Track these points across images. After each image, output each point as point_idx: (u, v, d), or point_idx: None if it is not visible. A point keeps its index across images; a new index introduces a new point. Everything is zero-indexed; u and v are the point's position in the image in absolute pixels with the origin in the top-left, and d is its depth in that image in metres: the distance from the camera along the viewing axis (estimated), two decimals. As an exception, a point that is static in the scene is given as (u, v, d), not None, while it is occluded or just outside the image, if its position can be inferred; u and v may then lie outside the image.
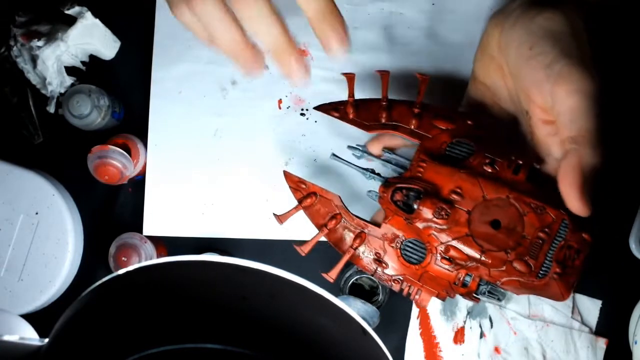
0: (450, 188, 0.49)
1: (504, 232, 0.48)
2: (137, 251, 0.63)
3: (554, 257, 0.47)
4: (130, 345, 0.27)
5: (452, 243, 0.49)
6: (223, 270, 0.29)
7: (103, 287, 0.29)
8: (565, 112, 0.46)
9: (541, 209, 0.48)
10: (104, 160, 0.62)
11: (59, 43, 0.64)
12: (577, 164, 0.45)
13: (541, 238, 0.48)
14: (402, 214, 0.50)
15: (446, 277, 0.50)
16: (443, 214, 0.48)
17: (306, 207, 0.55)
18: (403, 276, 0.52)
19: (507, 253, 0.48)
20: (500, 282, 0.49)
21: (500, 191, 0.49)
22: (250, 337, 0.27)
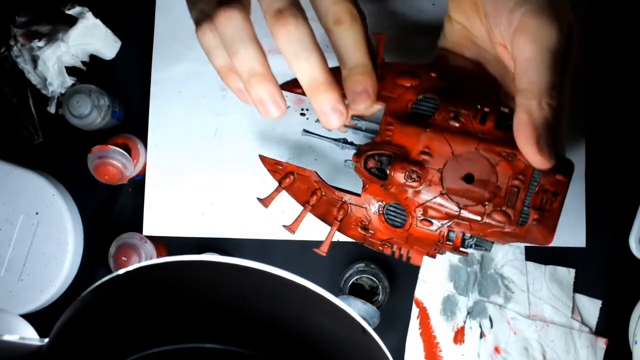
0: (418, 149, 0.48)
1: (478, 185, 0.47)
2: (137, 251, 0.63)
3: (531, 203, 0.46)
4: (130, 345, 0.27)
5: (429, 204, 0.48)
6: (223, 270, 0.29)
7: (103, 287, 0.29)
8: (520, 63, 0.44)
9: (512, 156, 0.47)
10: (104, 160, 0.62)
11: (60, 43, 0.64)
12: (527, 119, 0.43)
13: (516, 186, 0.47)
14: (377, 181, 0.50)
15: (430, 237, 0.50)
16: (415, 177, 0.48)
17: (287, 187, 0.55)
18: (391, 239, 0.53)
19: (484, 206, 0.47)
20: (483, 234, 0.48)
21: (469, 144, 0.48)
22: (250, 337, 0.27)
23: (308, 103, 0.66)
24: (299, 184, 0.55)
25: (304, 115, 0.66)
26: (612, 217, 0.65)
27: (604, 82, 0.65)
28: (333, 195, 0.54)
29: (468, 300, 0.64)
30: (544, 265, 0.64)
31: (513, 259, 0.64)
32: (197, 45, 0.67)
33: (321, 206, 0.55)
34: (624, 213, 0.64)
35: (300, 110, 0.66)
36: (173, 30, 0.67)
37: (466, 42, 0.51)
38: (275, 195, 0.56)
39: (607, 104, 0.65)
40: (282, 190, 0.55)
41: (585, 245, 0.64)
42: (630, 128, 0.65)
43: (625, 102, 0.65)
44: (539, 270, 0.64)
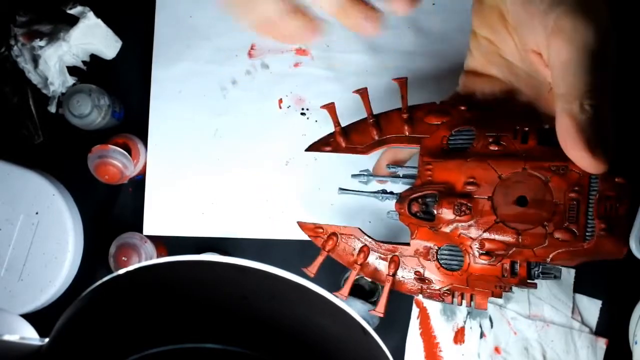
0: (463, 181, 0.46)
1: (533, 206, 0.44)
2: (137, 251, 0.63)
3: (595, 213, 0.43)
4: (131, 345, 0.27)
5: (485, 236, 0.46)
6: (223, 270, 0.29)
7: (103, 287, 0.29)
8: (558, 67, 0.42)
9: (563, 169, 0.44)
10: (104, 160, 0.62)
11: (62, 43, 0.64)
12: (571, 123, 0.41)
13: (574, 199, 0.44)
14: (425, 224, 0.48)
15: (491, 272, 0.47)
16: (464, 209, 0.46)
17: (330, 250, 0.53)
18: (451, 286, 0.49)
19: (544, 227, 0.44)
20: (549, 258, 0.45)
21: (515, 165, 0.45)
22: (250, 337, 0.27)
23: (308, 103, 0.66)
24: (343, 244, 0.53)
25: (304, 115, 0.66)
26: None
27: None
28: (381, 249, 0.51)
29: (468, 300, 0.64)
30: (544, 265, 0.64)
31: (513, 259, 0.64)
32: (197, 45, 0.67)
33: (369, 265, 0.52)
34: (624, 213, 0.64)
35: (301, 110, 0.66)
36: (173, 29, 0.67)
37: (494, 58, 0.49)
38: (321, 261, 0.53)
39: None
40: (327, 254, 0.53)
41: (586, 245, 0.64)
42: (630, 128, 0.65)
43: (625, 101, 0.65)
44: (539, 270, 0.64)
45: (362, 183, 0.56)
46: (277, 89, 0.66)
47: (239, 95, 0.67)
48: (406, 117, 0.51)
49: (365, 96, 0.52)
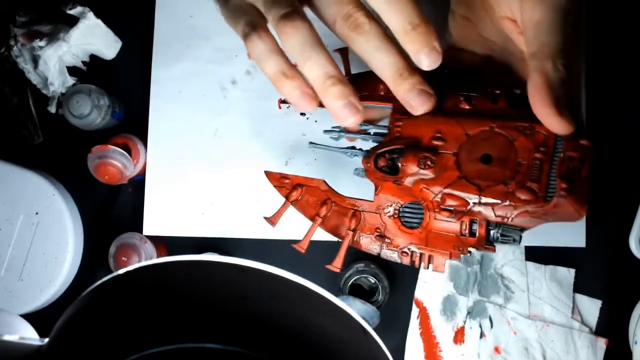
0: (430, 135, 0.46)
1: (497, 164, 0.44)
2: (137, 251, 0.63)
3: (557, 173, 0.43)
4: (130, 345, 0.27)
5: (446, 191, 0.45)
6: (223, 270, 0.29)
7: (103, 287, 0.29)
8: (531, 28, 0.42)
9: (530, 129, 0.44)
10: (104, 160, 0.62)
11: (62, 43, 0.64)
12: (542, 81, 0.41)
13: (538, 159, 0.44)
14: (389, 178, 0.47)
15: (451, 230, 0.47)
16: (428, 163, 0.45)
17: (295, 201, 0.52)
18: (410, 246, 0.49)
19: (506, 185, 0.44)
20: (509, 218, 0.45)
21: (482, 123, 0.45)
22: (250, 337, 0.27)
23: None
24: (307, 196, 0.52)
25: (304, 115, 0.66)
26: (612, 217, 0.65)
27: (604, 81, 0.65)
28: (344, 203, 0.51)
29: (468, 300, 0.64)
30: (544, 265, 0.64)
31: (513, 259, 0.64)
32: (197, 45, 0.67)
33: (332, 218, 0.51)
34: (624, 213, 0.64)
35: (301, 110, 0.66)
36: (173, 29, 0.67)
37: (471, 35, 0.50)
38: (283, 211, 0.53)
39: (606, 104, 0.65)
40: (289, 205, 0.52)
41: (585, 245, 0.64)
42: (630, 128, 0.65)
43: (625, 102, 0.65)
44: (539, 270, 0.64)
45: (333, 139, 0.55)
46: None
47: (239, 95, 0.67)
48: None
49: (346, 55, 0.52)
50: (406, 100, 0.44)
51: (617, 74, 0.66)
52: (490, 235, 0.46)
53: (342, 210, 0.51)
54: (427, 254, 0.49)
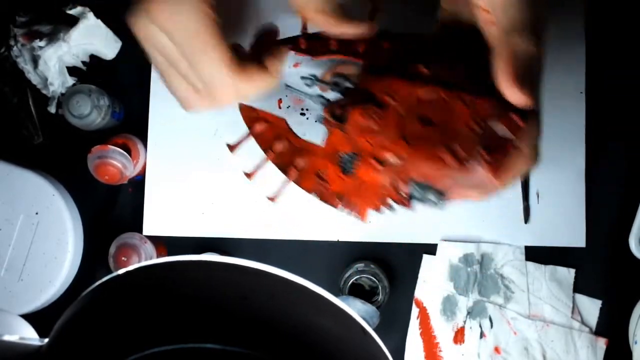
0: (383, 91, 0.49)
1: (433, 127, 0.47)
2: (137, 251, 0.63)
3: (481, 142, 0.46)
4: (130, 345, 0.27)
5: (382, 143, 0.48)
6: (223, 270, 0.29)
7: (103, 287, 0.29)
8: (497, 5, 0.44)
9: (473, 101, 0.46)
10: (104, 160, 0.62)
11: (61, 43, 0.64)
12: (507, 53, 0.43)
13: (471, 127, 0.46)
14: (338, 126, 0.50)
15: (376, 181, 0.50)
16: (374, 116, 0.48)
17: (256, 133, 0.55)
18: (343, 192, 0.52)
19: (434, 146, 0.46)
20: (430, 179, 0.47)
21: (434, 90, 0.48)
22: (250, 337, 0.27)
23: (308, 103, 0.66)
24: (269, 132, 0.55)
25: (303, 115, 0.66)
26: (612, 217, 0.65)
27: (604, 82, 0.65)
28: (297, 143, 0.54)
29: (468, 300, 0.64)
30: (544, 265, 0.64)
31: (513, 259, 0.64)
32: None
33: (285, 156, 0.55)
34: (624, 213, 0.64)
35: (300, 110, 0.66)
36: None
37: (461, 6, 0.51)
38: (243, 140, 0.56)
39: (606, 104, 0.65)
40: (250, 135, 0.55)
41: (585, 245, 0.64)
42: (630, 128, 0.65)
43: (625, 102, 0.65)
44: (539, 270, 0.64)
45: (306, 85, 0.58)
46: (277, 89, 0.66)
47: (239, 96, 0.66)
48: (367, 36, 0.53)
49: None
50: None
51: (617, 73, 0.66)
52: (412, 193, 0.49)
53: (295, 150, 0.54)
54: (355, 203, 0.52)
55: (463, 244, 0.65)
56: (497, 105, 0.46)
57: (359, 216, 0.52)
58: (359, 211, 0.53)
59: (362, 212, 0.53)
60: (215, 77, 0.48)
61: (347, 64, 0.55)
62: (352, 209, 0.53)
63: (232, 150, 0.56)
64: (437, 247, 0.65)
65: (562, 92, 0.65)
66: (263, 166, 0.55)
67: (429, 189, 0.48)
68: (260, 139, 0.56)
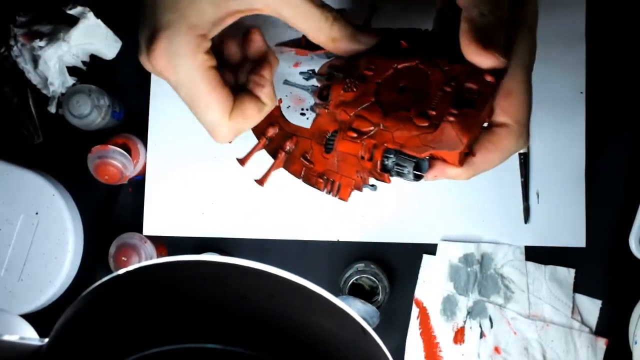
0: (364, 65, 0.50)
1: (408, 95, 0.47)
2: (137, 251, 0.63)
3: (452, 103, 0.45)
4: (130, 345, 0.27)
5: (358, 112, 0.48)
6: (223, 270, 0.29)
7: (103, 287, 0.29)
8: None
9: (447, 66, 0.47)
10: (104, 160, 0.62)
11: (61, 43, 0.64)
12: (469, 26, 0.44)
13: (444, 91, 0.46)
14: (322, 104, 0.51)
15: (354, 151, 0.49)
16: (353, 88, 0.49)
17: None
18: (325, 171, 0.53)
19: (407, 111, 0.47)
20: (404, 145, 0.47)
21: (411, 60, 0.49)
22: (250, 337, 0.27)
23: (308, 103, 0.66)
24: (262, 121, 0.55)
25: (303, 115, 0.66)
26: (612, 217, 0.65)
27: (604, 82, 0.65)
28: (287, 128, 0.55)
29: (468, 300, 0.64)
30: (544, 265, 0.64)
31: (513, 259, 0.64)
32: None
33: (275, 141, 0.56)
34: (624, 213, 0.64)
35: (301, 110, 0.66)
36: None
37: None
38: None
39: (607, 104, 0.65)
40: None
41: (585, 245, 0.64)
42: (630, 128, 0.65)
43: (625, 102, 0.65)
44: (539, 270, 0.64)
45: (304, 79, 0.59)
46: (277, 89, 0.66)
47: (239, 95, 0.66)
48: None
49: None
50: None
51: (617, 73, 0.66)
52: (386, 164, 0.48)
53: (285, 134, 0.55)
54: (337, 183, 0.52)
55: (463, 244, 0.65)
56: (472, 68, 0.45)
57: (341, 197, 0.52)
58: (341, 190, 0.52)
59: (344, 191, 0.52)
60: (216, 125, 0.49)
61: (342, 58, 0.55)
62: (333, 188, 0.53)
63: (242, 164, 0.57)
64: (437, 247, 0.65)
65: (562, 92, 0.65)
66: (255, 152, 0.56)
67: (404, 158, 0.47)
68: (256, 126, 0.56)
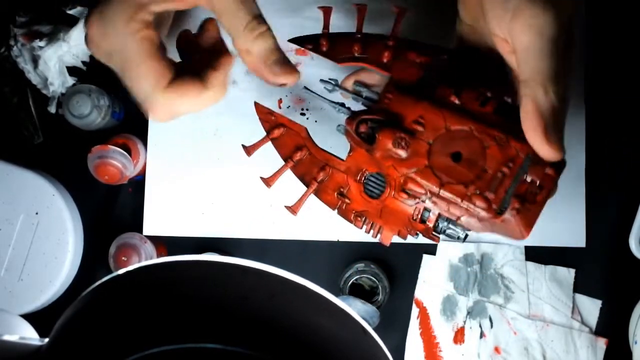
0: (412, 118, 0.48)
1: (464, 165, 0.46)
2: (137, 251, 0.63)
3: (514, 192, 0.45)
4: (130, 345, 0.27)
5: (411, 175, 0.47)
6: (223, 270, 0.29)
7: (103, 287, 0.29)
8: (521, 52, 0.43)
9: (505, 142, 0.46)
10: (104, 160, 0.62)
11: (61, 43, 0.64)
12: (534, 107, 0.43)
13: (503, 172, 0.45)
14: (364, 146, 0.49)
15: (405, 211, 0.49)
16: (403, 144, 0.47)
17: (274, 138, 0.54)
18: (365, 212, 0.51)
19: (466, 187, 0.46)
20: (459, 218, 0.47)
21: (464, 123, 0.47)
22: (251, 337, 0.27)
23: (308, 103, 0.66)
24: (286, 138, 0.54)
25: (303, 115, 0.66)
26: (612, 217, 0.65)
27: (604, 82, 0.65)
28: (318, 155, 0.53)
29: (468, 300, 0.64)
30: (544, 265, 0.64)
31: (513, 259, 0.64)
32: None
33: (303, 165, 0.53)
34: (624, 213, 0.64)
35: (300, 110, 0.66)
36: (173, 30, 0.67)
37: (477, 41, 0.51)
38: (261, 144, 0.54)
39: (607, 105, 0.65)
40: (269, 140, 0.54)
41: (585, 245, 0.64)
42: (630, 128, 0.65)
43: (625, 102, 0.65)
44: (539, 270, 0.64)
45: (327, 90, 0.56)
46: (277, 89, 0.66)
47: (239, 95, 0.66)
48: (391, 44, 0.52)
49: (362, 12, 0.53)
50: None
51: (617, 73, 0.66)
52: (438, 226, 0.49)
53: (314, 160, 0.53)
54: (379, 225, 0.51)
55: (463, 244, 0.65)
56: (532, 151, 0.45)
57: (382, 240, 0.51)
58: (383, 235, 0.51)
59: (386, 236, 0.51)
60: (148, 95, 0.46)
61: (369, 72, 0.54)
62: (374, 229, 0.51)
63: (248, 154, 0.55)
64: (437, 247, 0.65)
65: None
66: (282, 173, 0.54)
67: (457, 226, 0.48)
68: (279, 146, 0.54)
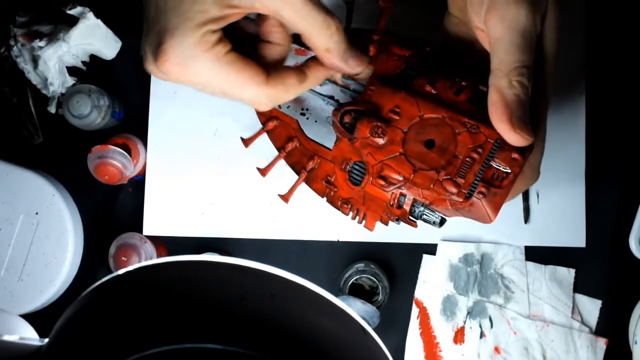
0: (389, 107, 0.50)
1: (436, 152, 0.48)
2: (137, 251, 0.63)
3: (482, 176, 0.47)
4: (130, 345, 0.27)
5: (386, 162, 0.49)
6: (223, 270, 0.29)
7: (103, 287, 0.29)
8: (492, 43, 0.44)
9: (475, 128, 0.47)
10: (104, 160, 0.62)
11: (61, 43, 0.64)
12: (498, 97, 0.43)
13: (472, 157, 0.47)
14: (347, 135, 0.51)
15: (382, 197, 0.50)
16: (379, 132, 0.49)
17: (269, 130, 0.58)
18: (351, 199, 0.54)
19: (437, 172, 0.47)
20: (432, 203, 0.48)
21: (437, 111, 0.48)
22: (250, 337, 0.27)
23: (308, 103, 0.66)
24: (280, 130, 0.58)
25: (303, 115, 0.66)
26: (612, 217, 0.65)
27: (604, 82, 0.65)
28: (307, 145, 0.56)
29: (468, 300, 0.64)
30: (544, 265, 0.64)
31: (513, 259, 0.64)
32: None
33: (295, 155, 0.57)
34: (624, 213, 0.64)
35: (301, 110, 0.66)
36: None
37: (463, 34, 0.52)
38: (257, 136, 0.60)
39: (607, 105, 0.65)
40: (264, 132, 0.58)
41: (585, 245, 0.64)
42: (630, 128, 0.65)
43: (625, 102, 0.66)
44: (539, 270, 0.64)
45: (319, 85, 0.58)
46: None
47: (239, 96, 0.66)
48: (375, 38, 0.54)
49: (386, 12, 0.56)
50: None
51: (618, 73, 0.66)
52: (414, 212, 0.51)
53: (304, 150, 0.57)
54: (363, 212, 0.54)
55: (463, 244, 0.65)
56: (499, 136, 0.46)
57: (367, 226, 0.54)
58: (367, 220, 0.54)
59: (370, 222, 0.54)
60: (253, 97, 0.46)
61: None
62: (359, 216, 0.54)
63: (246, 145, 0.60)
64: (437, 247, 0.65)
65: (562, 93, 0.65)
66: (276, 164, 0.58)
67: (432, 211, 0.50)
68: (274, 137, 0.58)
